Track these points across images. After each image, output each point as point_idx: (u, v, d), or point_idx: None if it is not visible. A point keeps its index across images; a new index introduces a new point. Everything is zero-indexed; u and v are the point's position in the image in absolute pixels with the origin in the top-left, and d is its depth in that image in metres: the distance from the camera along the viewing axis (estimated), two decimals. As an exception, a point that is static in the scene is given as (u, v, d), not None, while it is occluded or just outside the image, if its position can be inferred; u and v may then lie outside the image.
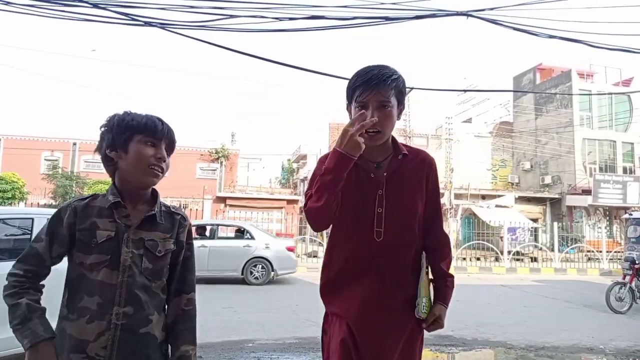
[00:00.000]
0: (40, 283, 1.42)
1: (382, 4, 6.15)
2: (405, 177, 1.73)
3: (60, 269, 1.47)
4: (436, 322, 1.72)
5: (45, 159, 24.01)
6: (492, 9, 6.07)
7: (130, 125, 1.45)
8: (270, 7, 5.93)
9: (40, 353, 1.32)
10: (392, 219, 1.67)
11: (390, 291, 1.67)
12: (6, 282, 1.38)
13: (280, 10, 5.91)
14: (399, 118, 1.72)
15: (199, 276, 8.70)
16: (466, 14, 5.99)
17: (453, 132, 26.44)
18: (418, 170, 1.76)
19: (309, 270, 13.54)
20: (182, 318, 1.48)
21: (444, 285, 1.78)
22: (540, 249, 19.15)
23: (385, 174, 1.71)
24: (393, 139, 1.78)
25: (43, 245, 1.41)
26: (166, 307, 1.50)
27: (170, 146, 1.52)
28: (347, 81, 1.72)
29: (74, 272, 1.41)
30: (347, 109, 1.77)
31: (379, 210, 1.67)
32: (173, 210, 1.56)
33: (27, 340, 1.31)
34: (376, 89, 1.62)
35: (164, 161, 1.48)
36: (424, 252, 1.77)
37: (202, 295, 1.56)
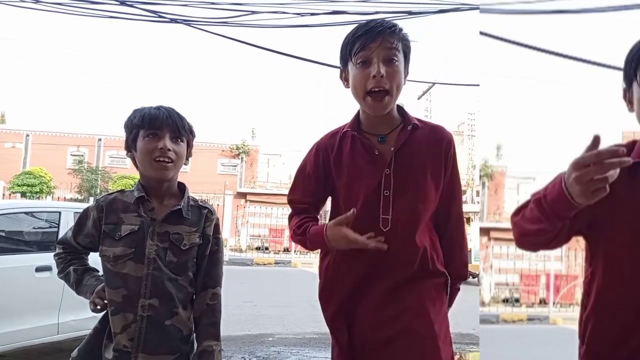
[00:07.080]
0: (82, 254, 1.59)
1: (405, -2, 6.08)
2: (417, 153, 1.43)
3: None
4: None
5: (71, 154, 24.56)
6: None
7: (135, 123, 1.47)
8: (292, 2, 5.93)
9: (101, 295, 1.46)
10: (401, 204, 1.40)
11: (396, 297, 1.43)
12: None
13: (302, 5, 5.90)
14: (404, 81, 1.44)
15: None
16: (491, 8, 5.87)
17: (475, 128, 26.03)
18: (433, 146, 1.45)
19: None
20: (206, 313, 1.48)
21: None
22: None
23: (392, 149, 1.42)
24: (400, 108, 1.50)
25: (70, 234, 1.56)
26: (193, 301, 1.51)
27: (177, 131, 1.47)
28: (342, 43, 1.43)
29: (102, 265, 1.46)
30: (341, 75, 1.48)
31: (385, 193, 1.40)
32: (201, 204, 1.56)
33: (89, 293, 1.48)
34: (382, 38, 1.35)
35: (169, 150, 1.44)
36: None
37: (223, 289, 1.57)
